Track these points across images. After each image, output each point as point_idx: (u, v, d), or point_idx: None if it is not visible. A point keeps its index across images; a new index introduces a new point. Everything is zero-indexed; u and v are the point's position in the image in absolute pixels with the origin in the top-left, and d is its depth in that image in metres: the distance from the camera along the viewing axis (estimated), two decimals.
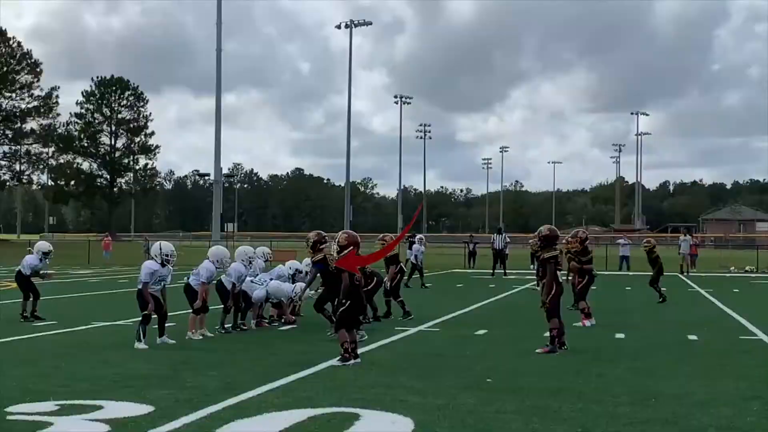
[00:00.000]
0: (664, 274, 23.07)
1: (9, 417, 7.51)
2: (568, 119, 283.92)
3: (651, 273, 22.22)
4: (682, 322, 17.01)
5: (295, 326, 15.49)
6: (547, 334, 12.57)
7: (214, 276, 14.10)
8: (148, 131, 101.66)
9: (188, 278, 14.20)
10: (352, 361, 10.78)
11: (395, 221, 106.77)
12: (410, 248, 45.15)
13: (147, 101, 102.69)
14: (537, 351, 12.11)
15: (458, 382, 9.59)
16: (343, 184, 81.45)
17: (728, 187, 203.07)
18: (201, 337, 13.60)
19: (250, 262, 15.15)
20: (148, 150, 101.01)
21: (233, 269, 14.73)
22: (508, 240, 40.70)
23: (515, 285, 29.38)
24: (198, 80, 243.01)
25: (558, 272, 12.65)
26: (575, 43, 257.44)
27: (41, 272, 17.11)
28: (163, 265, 12.93)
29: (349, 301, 11.03)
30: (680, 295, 25.43)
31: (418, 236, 30.62)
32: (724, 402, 8.51)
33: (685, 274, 38.66)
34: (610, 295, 24.78)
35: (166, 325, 13.25)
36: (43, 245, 17.39)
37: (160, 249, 13.05)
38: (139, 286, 12.90)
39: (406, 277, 26.24)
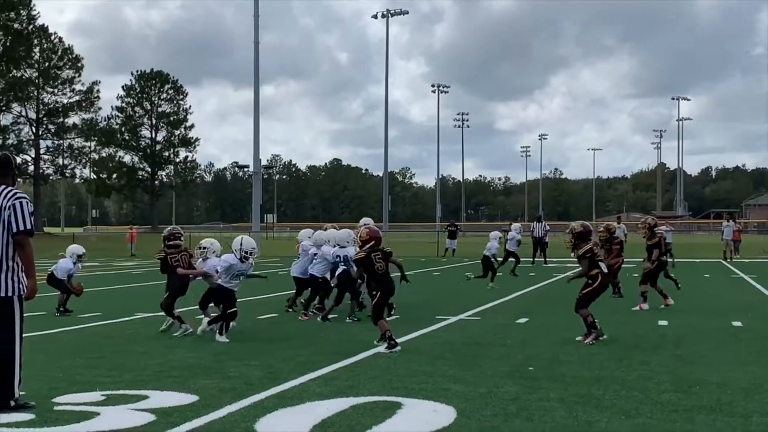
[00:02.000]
0: (699, 260, 22.81)
1: (56, 407, 7.62)
2: (609, 105, 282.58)
3: (693, 259, 21.80)
4: (725, 308, 16.84)
5: (335, 315, 15.53)
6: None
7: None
8: (188, 124, 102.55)
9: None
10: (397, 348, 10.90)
11: (433, 210, 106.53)
12: (450, 237, 45.34)
13: (186, 94, 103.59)
14: (577, 339, 12.07)
15: (500, 370, 9.57)
16: (381, 174, 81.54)
17: None
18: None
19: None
20: (188, 143, 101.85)
21: (327, 253, 14.70)
22: (548, 228, 40.59)
23: (556, 273, 29.22)
24: (237, 73, 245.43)
25: (599, 263, 12.55)
26: (616, 29, 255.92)
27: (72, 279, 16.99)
28: (242, 260, 12.50)
29: (378, 292, 11.37)
30: (724, 281, 25.15)
31: (515, 224, 29.04)
32: None
33: (729, 260, 38.25)
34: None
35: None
36: (76, 248, 17.18)
37: (241, 244, 12.53)
38: (218, 281, 12.73)
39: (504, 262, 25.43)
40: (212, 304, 13.37)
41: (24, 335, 7.70)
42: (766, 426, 6.89)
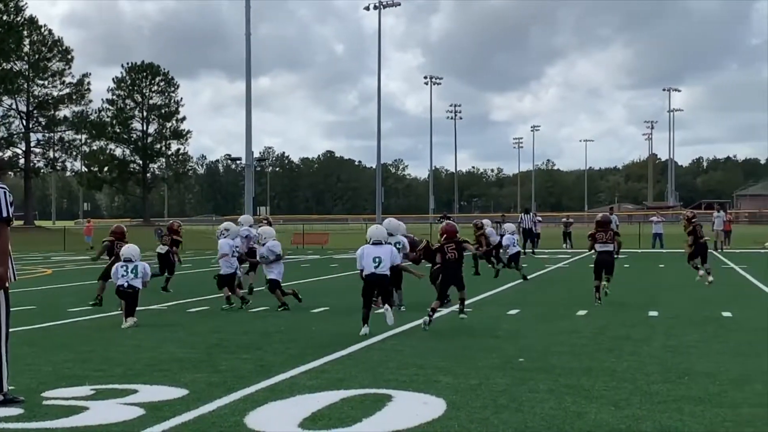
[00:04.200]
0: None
1: (45, 402, 7.60)
2: (603, 96, 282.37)
3: (686, 250, 21.61)
4: (715, 298, 16.88)
5: (327, 308, 15.53)
6: (581, 312, 12.58)
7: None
8: (180, 116, 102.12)
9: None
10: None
11: (426, 202, 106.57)
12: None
13: (178, 86, 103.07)
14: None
15: (490, 362, 9.58)
16: (374, 166, 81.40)
17: (762, 162, 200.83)
18: None
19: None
20: (180, 135, 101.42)
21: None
22: (538, 219, 40.98)
23: (547, 264, 29.26)
24: (232, 64, 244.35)
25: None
26: (612, 18, 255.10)
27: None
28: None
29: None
30: (714, 271, 25.18)
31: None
32: (759, 379, 8.44)
33: (719, 250, 38.33)
34: (644, 272, 24.60)
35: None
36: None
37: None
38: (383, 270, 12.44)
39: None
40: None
41: (13, 329, 7.67)
42: (755, 417, 6.91)
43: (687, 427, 6.61)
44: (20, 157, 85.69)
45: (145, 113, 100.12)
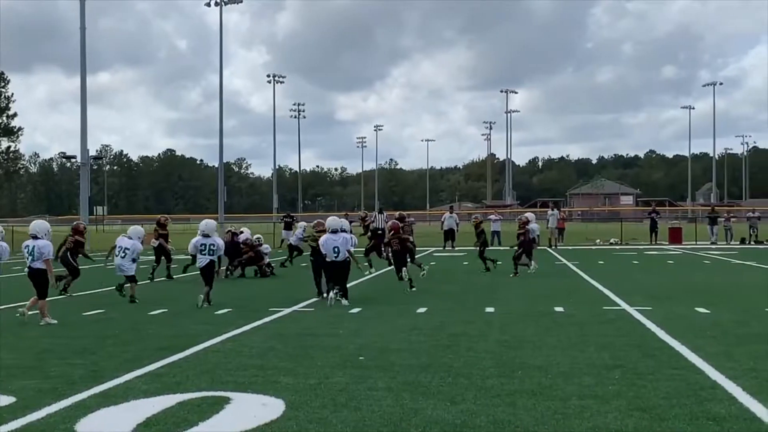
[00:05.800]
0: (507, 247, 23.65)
1: None
2: (445, 97, 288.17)
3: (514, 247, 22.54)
4: (549, 294, 17.48)
5: (165, 310, 15.25)
6: (420, 310, 12.75)
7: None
8: (11, 113, 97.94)
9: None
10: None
11: (270, 201, 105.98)
12: (286, 228, 45.28)
13: (8, 81, 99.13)
14: None
15: (330, 360, 9.61)
16: (217, 165, 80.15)
17: (594, 162, 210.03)
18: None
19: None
20: (11, 132, 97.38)
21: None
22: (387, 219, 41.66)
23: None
24: (70, 58, 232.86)
25: None
26: (456, 21, 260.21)
27: None
28: None
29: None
30: (548, 268, 26.12)
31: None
32: (587, 372, 8.79)
33: (553, 247, 39.79)
34: (481, 269, 25.21)
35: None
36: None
37: None
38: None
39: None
40: None
41: None
42: (582, 408, 7.18)
43: (519, 419, 6.81)
44: None
45: None
